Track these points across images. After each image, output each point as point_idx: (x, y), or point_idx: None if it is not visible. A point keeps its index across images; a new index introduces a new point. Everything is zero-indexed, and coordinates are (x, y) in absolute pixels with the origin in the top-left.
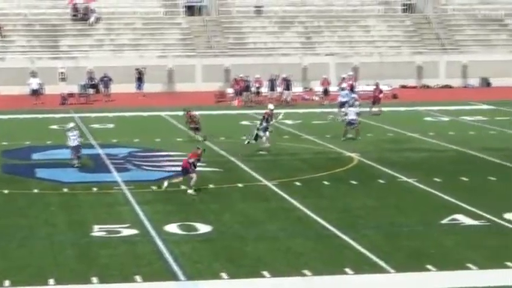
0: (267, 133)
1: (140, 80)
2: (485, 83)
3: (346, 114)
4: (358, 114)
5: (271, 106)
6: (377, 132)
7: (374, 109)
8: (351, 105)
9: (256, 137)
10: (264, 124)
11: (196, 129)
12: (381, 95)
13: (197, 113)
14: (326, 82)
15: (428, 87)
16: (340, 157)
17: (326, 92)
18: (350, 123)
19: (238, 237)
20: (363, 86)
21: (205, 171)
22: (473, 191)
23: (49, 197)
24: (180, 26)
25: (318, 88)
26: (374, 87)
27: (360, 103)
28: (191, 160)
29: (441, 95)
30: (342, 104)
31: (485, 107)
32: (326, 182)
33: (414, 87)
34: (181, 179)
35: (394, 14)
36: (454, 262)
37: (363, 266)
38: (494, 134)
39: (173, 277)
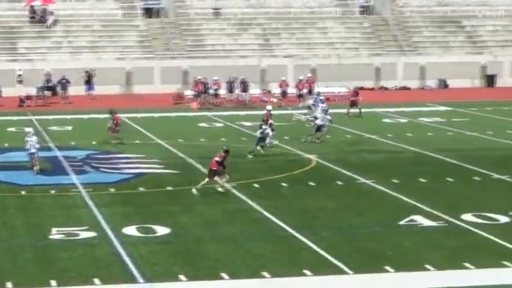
0: (271, 133)
1: (89, 82)
2: (443, 84)
3: (316, 119)
4: (330, 121)
5: (269, 107)
6: (335, 134)
7: (352, 110)
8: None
9: (259, 141)
10: (264, 127)
11: (114, 132)
12: (358, 98)
13: (121, 116)
14: (284, 84)
15: (386, 88)
16: (298, 159)
17: (284, 94)
18: (319, 128)
19: (196, 239)
20: (322, 88)
21: (164, 173)
22: (431, 192)
23: (7, 200)
24: (138, 28)
25: (276, 90)
26: (350, 90)
27: (327, 106)
28: (218, 159)
29: (399, 97)
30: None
31: (442, 108)
32: (284, 184)
33: (372, 89)
34: (207, 180)
35: (352, 15)
36: (412, 263)
37: (322, 268)
38: (451, 135)
39: (132, 279)
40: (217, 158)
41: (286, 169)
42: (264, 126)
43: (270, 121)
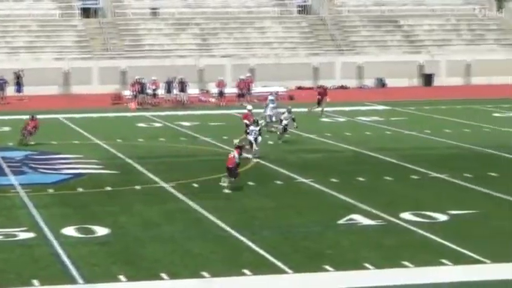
0: (259, 138)
1: (18, 84)
2: (380, 83)
3: (281, 121)
4: (294, 119)
5: (249, 107)
6: (274, 134)
7: (317, 109)
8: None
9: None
10: (253, 128)
11: (24, 135)
12: (325, 97)
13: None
14: (221, 84)
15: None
16: None
17: (221, 93)
18: (285, 129)
19: (136, 240)
20: (260, 88)
21: (102, 173)
22: (370, 191)
23: None
24: (76, 29)
25: (214, 90)
26: (318, 88)
27: (276, 104)
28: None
29: (337, 96)
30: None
31: (380, 107)
32: (223, 184)
33: (310, 89)
34: (232, 179)
35: (290, 15)
36: (351, 262)
37: (261, 267)
38: (389, 134)
39: (71, 280)
40: (236, 157)
41: (225, 169)
42: (252, 128)
43: (252, 119)
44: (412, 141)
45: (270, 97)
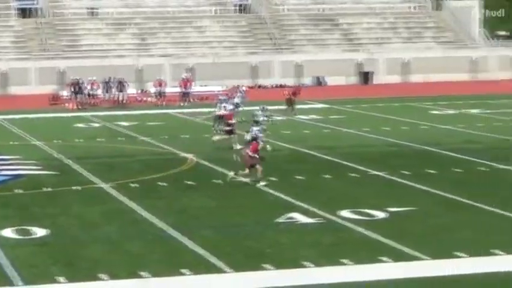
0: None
1: None
2: (319, 82)
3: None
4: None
5: (230, 106)
6: (211, 132)
7: (288, 108)
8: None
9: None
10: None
11: None
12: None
13: None
14: (159, 83)
15: (265, 87)
16: (177, 158)
17: (160, 93)
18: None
19: (75, 241)
20: (199, 87)
21: (41, 174)
22: (309, 189)
23: None
24: (13, 29)
25: (153, 89)
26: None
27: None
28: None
29: (275, 95)
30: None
31: (319, 105)
32: (162, 183)
33: (251, 88)
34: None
35: (228, 14)
36: (290, 260)
37: (201, 267)
38: (328, 132)
39: (10, 282)
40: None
41: (164, 168)
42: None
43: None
44: (350, 139)
45: (221, 97)
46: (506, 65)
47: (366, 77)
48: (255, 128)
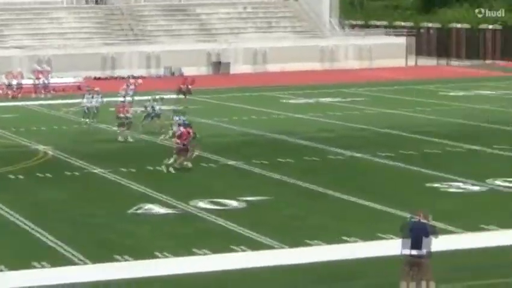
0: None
1: None
2: (171, 72)
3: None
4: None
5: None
6: (70, 124)
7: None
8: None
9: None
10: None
11: None
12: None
13: None
14: (13, 75)
15: (122, 78)
16: (31, 150)
17: (14, 85)
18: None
19: None
20: (56, 79)
21: None
22: (164, 180)
23: None
24: None
25: (5, 81)
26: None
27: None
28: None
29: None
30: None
31: (175, 96)
32: (16, 176)
33: (106, 79)
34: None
35: (85, 5)
36: (146, 251)
37: (57, 259)
38: None
39: None
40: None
41: (17, 161)
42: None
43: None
44: (206, 129)
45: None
46: (356, 54)
47: (223, 67)
48: (176, 118)
